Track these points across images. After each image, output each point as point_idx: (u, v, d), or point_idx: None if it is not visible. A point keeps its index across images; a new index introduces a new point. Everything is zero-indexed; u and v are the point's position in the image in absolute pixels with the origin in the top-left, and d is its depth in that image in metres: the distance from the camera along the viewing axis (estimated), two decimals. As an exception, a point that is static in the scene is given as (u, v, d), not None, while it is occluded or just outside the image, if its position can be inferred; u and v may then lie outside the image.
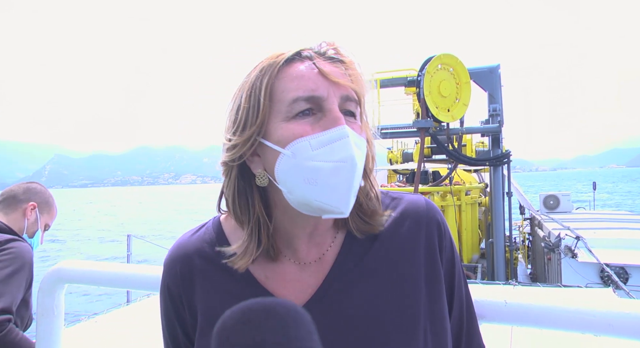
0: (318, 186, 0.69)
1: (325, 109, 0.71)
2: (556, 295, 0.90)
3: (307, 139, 0.70)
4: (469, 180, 10.12)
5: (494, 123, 7.98)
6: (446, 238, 0.84)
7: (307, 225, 0.79)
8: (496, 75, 8.13)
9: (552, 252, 7.06)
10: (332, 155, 0.69)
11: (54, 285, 1.22)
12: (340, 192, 0.69)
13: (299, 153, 0.70)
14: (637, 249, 6.45)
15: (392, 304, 0.76)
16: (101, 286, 1.25)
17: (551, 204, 11.33)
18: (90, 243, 31.04)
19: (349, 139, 0.70)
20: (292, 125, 0.71)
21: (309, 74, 0.72)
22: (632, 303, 0.83)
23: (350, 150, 0.69)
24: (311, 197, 0.70)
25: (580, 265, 6.18)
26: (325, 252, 0.81)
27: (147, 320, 3.14)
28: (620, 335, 0.82)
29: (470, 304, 0.87)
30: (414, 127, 7.80)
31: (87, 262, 1.27)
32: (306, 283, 0.80)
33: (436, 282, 0.80)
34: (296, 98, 0.71)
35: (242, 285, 0.80)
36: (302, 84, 0.71)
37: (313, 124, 0.71)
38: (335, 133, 0.70)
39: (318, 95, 0.71)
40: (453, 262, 0.85)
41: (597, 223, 8.75)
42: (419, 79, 7.49)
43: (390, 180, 11.93)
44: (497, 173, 8.12)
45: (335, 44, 0.76)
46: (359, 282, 0.78)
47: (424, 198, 0.87)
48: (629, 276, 5.97)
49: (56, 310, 1.23)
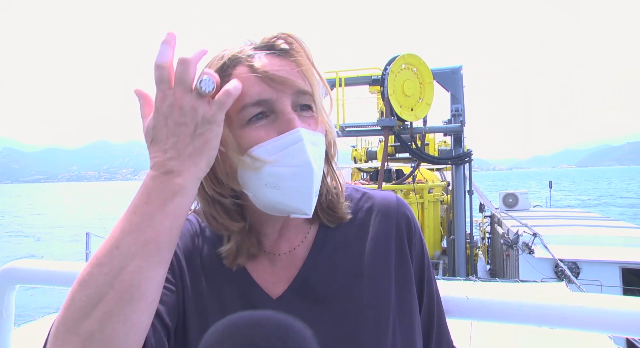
0: (280, 190, 0.69)
1: (277, 110, 0.70)
2: (514, 290, 0.92)
3: (264, 145, 0.69)
4: (431, 179, 10.32)
5: (456, 123, 8.17)
6: (416, 234, 0.85)
7: (277, 224, 0.80)
8: (458, 76, 8.32)
9: (511, 249, 7.30)
10: (290, 159, 0.68)
11: (3, 287, 1.16)
12: (302, 195, 0.69)
13: (257, 159, 0.69)
14: (588, 245, 6.76)
15: (364, 298, 0.77)
16: (57, 286, 1.20)
17: (510, 202, 11.71)
18: (43, 242, 29.78)
19: (304, 142, 0.69)
20: (247, 131, 0.70)
21: (251, 78, 0.70)
22: (584, 297, 0.86)
23: (306, 155, 0.69)
24: (275, 200, 0.70)
25: (536, 261, 6.42)
26: (296, 246, 0.82)
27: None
28: (573, 327, 0.85)
29: (439, 300, 0.88)
30: (378, 125, 7.89)
31: (41, 261, 1.21)
32: (280, 275, 0.80)
33: (405, 276, 0.81)
34: (244, 105, 0.69)
35: (221, 272, 0.80)
36: (247, 89, 0.69)
37: (267, 126, 0.70)
38: (290, 137, 0.69)
39: (266, 98, 0.69)
40: (423, 258, 0.85)
41: (553, 221, 9.10)
42: (383, 78, 7.58)
43: (354, 178, 12.01)
44: (459, 172, 8.32)
45: (283, 36, 0.74)
46: (331, 274, 0.79)
47: (395, 194, 0.88)
48: (580, 270, 6.25)
49: (5, 313, 1.16)
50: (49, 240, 30.49)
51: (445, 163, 8.76)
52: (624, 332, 0.82)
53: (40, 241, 30.43)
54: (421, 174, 9.31)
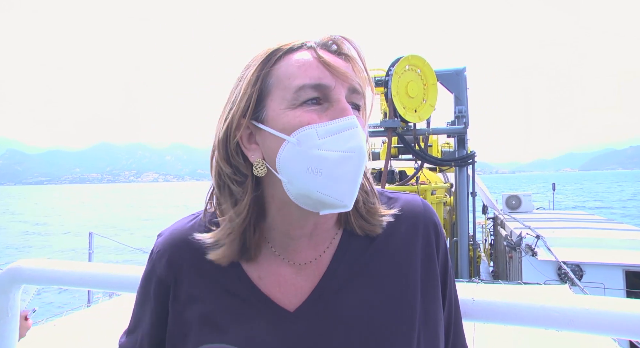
0: (322, 176, 0.66)
1: (333, 98, 0.69)
2: (518, 292, 0.92)
3: (314, 127, 0.67)
4: (434, 180, 10.30)
5: (460, 124, 8.15)
6: (441, 239, 0.83)
7: (307, 225, 0.76)
8: (462, 78, 8.30)
9: (514, 251, 7.27)
10: (340, 144, 0.67)
11: (9, 286, 1.16)
12: (346, 183, 0.67)
13: (305, 141, 0.67)
14: (591, 247, 6.73)
15: (388, 307, 0.74)
16: (62, 286, 1.20)
17: (513, 204, 11.68)
18: (47, 243, 29.85)
19: (358, 129, 0.68)
20: (299, 112, 0.68)
21: (315, 63, 0.70)
22: (590, 299, 0.86)
23: (359, 140, 0.68)
24: (313, 187, 0.67)
25: (539, 263, 6.40)
26: (322, 254, 0.78)
27: (109, 323, 3.03)
28: (579, 330, 0.84)
29: (457, 305, 0.87)
30: (381, 126, 7.87)
31: (46, 261, 1.21)
32: (301, 285, 0.77)
33: (432, 284, 0.79)
34: (302, 85, 0.68)
35: (234, 281, 0.77)
36: (309, 72, 0.69)
37: (320, 113, 0.69)
38: (344, 123, 0.68)
39: (325, 84, 0.69)
40: (446, 264, 0.84)
41: (556, 223, 9.08)
42: (386, 79, 7.57)
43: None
44: (462, 173, 8.29)
45: (339, 38, 0.74)
46: (355, 284, 0.76)
47: (421, 198, 0.86)
48: (583, 273, 6.23)
49: (11, 313, 1.16)
50: (54, 240, 30.57)
51: (448, 164, 8.73)
52: (628, 334, 0.82)
53: (44, 241, 30.52)
54: (424, 176, 9.29)
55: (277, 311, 0.75)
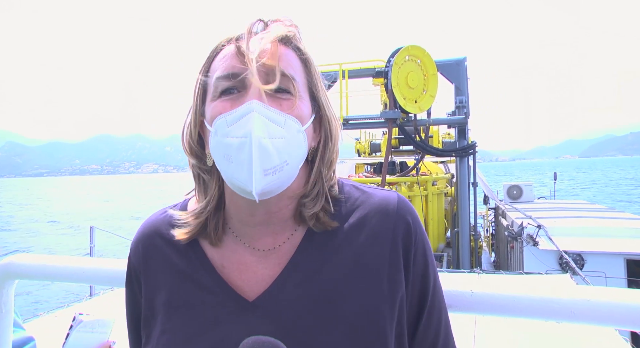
0: (232, 163, 0.69)
1: (247, 86, 0.71)
2: (519, 282, 0.90)
3: (224, 116, 0.70)
4: (435, 171, 10.30)
5: (460, 115, 8.13)
6: (417, 240, 0.79)
7: (256, 212, 0.76)
8: (462, 68, 8.26)
9: (515, 241, 7.28)
10: (239, 130, 0.68)
11: (2, 281, 1.15)
12: (245, 169, 0.68)
13: (219, 130, 0.71)
14: (593, 236, 6.74)
15: (350, 302, 0.73)
16: (56, 281, 1.19)
17: (514, 194, 11.68)
18: (44, 236, 29.92)
19: (254, 113, 0.68)
20: (216, 102, 0.73)
21: (231, 53, 0.73)
22: (591, 290, 0.84)
23: (250, 125, 0.67)
24: (229, 174, 0.71)
25: (541, 253, 6.41)
26: (282, 244, 0.78)
27: (109, 315, 3.03)
28: (580, 321, 0.83)
29: (445, 309, 0.83)
30: (381, 117, 7.86)
31: (40, 256, 1.19)
32: (262, 273, 0.77)
33: (398, 284, 0.76)
34: (218, 77, 0.73)
35: (198, 268, 0.80)
36: (225, 63, 0.73)
37: (235, 100, 0.71)
38: (243, 109, 0.69)
39: (235, 72, 0.71)
40: (426, 265, 0.79)
41: (557, 212, 9.08)
42: (386, 70, 7.53)
43: (358, 170, 12.00)
44: (463, 164, 8.29)
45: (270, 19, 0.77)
46: (316, 276, 0.75)
47: (397, 195, 0.82)
48: (584, 262, 6.24)
49: (4, 308, 1.15)
50: (51, 234, 30.66)
51: (449, 155, 8.73)
52: (630, 325, 0.81)
53: (41, 235, 30.62)
54: (425, 166, 9.28)
55: (235, 298, 0.76)
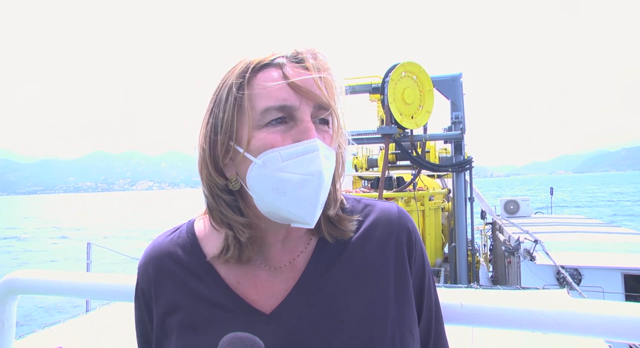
0: (286, 196, 0.70)
1: (297, 118, 0.72)
2: (513, 297, 0.93)
3: (278, 150, 0.70)
4: (432, 186, 10.30)
5: (457, 130, 8.18)
6: (417, 246, 0.85)
7: (279, 233, 0.80)
8: (458, 84, 8.34)
9: (512, 255, 7.27)
10: (301, 167, 0.70)
11: (4, 297, 1.16)
12: (307, 204, 0.71)
13: (270, 163, 0.71)
14: (590, 251, 6.73)
15: (360, 310, 0.77)
16: (58, 296, 1.20)
17: (511, 209, 11.68)
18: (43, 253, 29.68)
19: (319, 152, 0.71)
20: (264, 133, 0.71)
21: (280, 84, 0.72)
22: (578, 302, 0.87)
23: (319, 165, 0.70)
24: (280, 206, 0.71)
25: (538, 268, 6.39)
26: (296, 257, 0.82)
27: (107, 330, 3.02)
28: (567, 332, 0.85)
29: (439, 312, 0.89)
30: (378, 133, 7.89)
31: (42, 271, 1.21)
32: (277, 287, 0.80)
33: (405, 289, 0.81)
34: (268, 107, 0.71)
35: (213, 288, 0.81)
36: (274, 93, 0.71)
37: (284, 132, 0.72)
38: (306, 146, 0.70)
39: (290, 105, 0.71)
40: (423, 270, 0.86)
41: (554, 227, 9.07)
42: (383, 86, 7.60)
43: (355, 185, 12.01)
44: (460, 179, 8.30)
45: (308, 50, 0.76)
46: (329, 287, 0.79)
47: (397, 206, 0.88)
48: (582, 277, 6.22)
49: (7, 323, 1.16)
50: (50, 251, 30.41)
51: (445, 170, 8.75)
52: (616, 336, 0.83)
53: (40, 252, 30.36)
54: (422, 182, 9.30)
55: (252, 313, 0.78)
